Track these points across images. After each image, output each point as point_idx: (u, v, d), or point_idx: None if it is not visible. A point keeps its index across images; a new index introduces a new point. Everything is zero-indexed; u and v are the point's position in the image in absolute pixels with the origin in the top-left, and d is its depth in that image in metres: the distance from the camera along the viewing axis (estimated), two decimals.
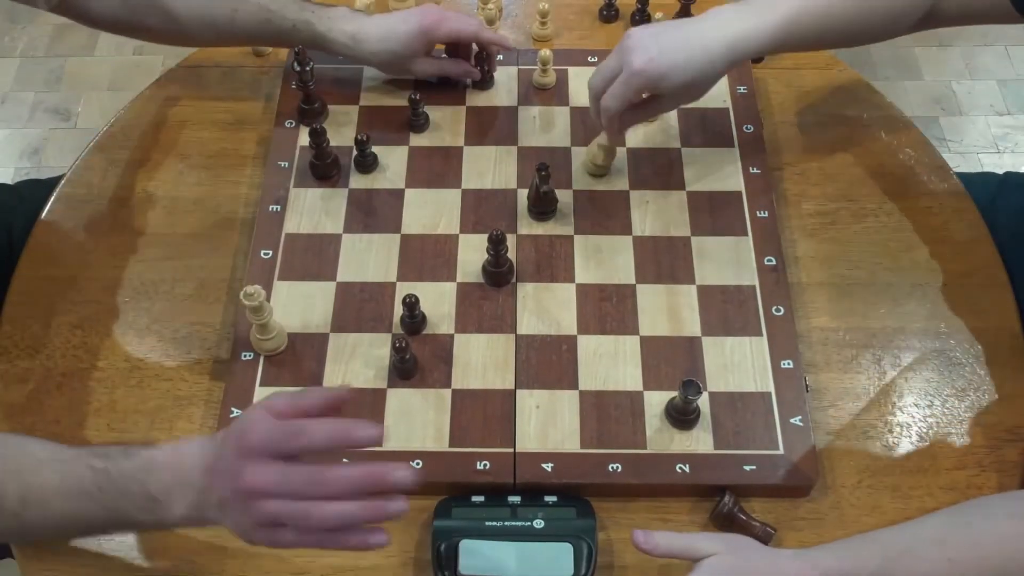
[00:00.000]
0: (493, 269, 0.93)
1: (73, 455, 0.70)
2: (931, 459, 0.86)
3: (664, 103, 0.95)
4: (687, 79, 0.90)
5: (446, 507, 0.80)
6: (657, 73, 0.88)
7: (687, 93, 0.93)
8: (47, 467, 0.69)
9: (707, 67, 0.90)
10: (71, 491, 0.68)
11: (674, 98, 0.94)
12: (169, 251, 0.99)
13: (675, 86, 0.90)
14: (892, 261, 0.98)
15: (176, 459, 0.68)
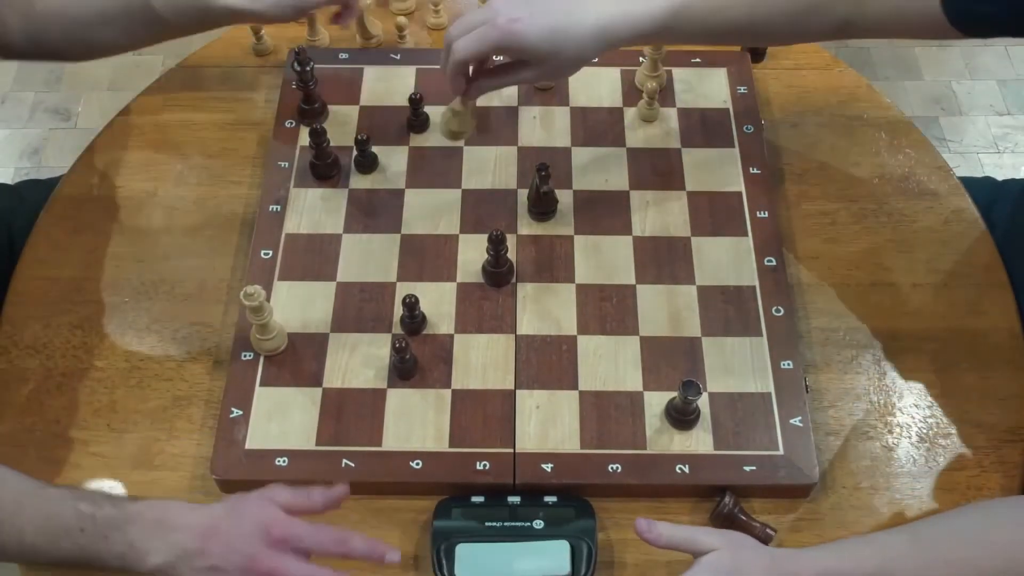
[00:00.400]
0: (493, 269, 0.93)
1: (58, 494, 0.72)
2: (931, 459, 0.86)
3: (524, 72, 0.88)
4: (548, 50, 0.84)
5: (446, 507, 0.80)
6: (518, 34, 0.82)
7: (549, 66, 0.87)
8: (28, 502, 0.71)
9: (573, 43, 0.85)
10: (51, 527, 0.70)
11: (536, 69, 0.87)
12: (169, 251, 0.99)
13: (535, 54, 0.84)
14: (892, 261, 0.98)
15: (162, 516, 0.72)
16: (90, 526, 0.70)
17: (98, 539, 0.70)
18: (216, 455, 0.83)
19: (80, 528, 0.70)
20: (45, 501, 0.71)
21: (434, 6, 1.17)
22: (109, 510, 0.71)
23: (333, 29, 1.17)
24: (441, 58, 0.87)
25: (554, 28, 0.83)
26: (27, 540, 0.70)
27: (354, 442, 0.84)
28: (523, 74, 0.88)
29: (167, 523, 0.71)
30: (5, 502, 0.70)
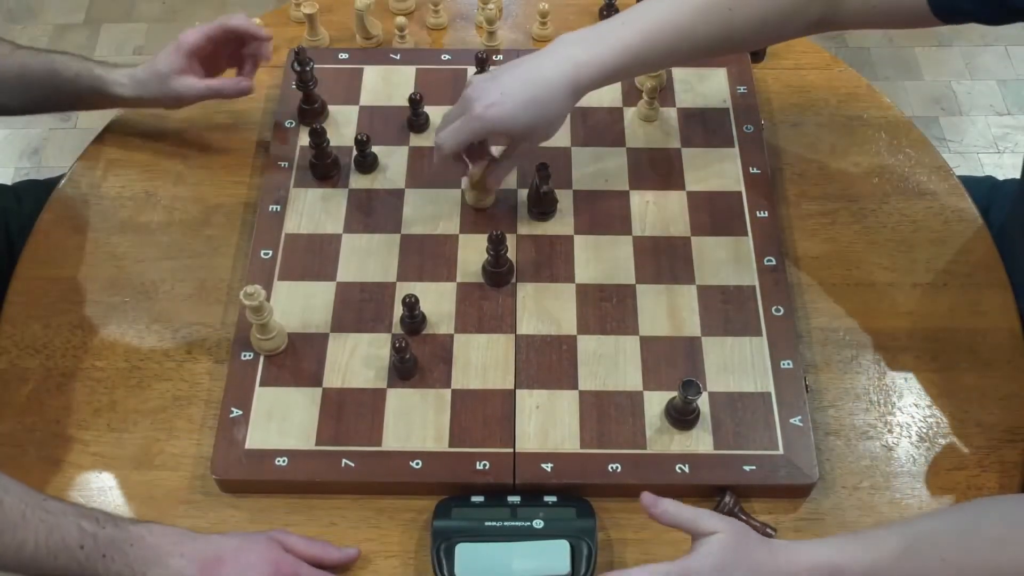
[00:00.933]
0: (493, 269, 0.93)
1: (61, 509, 0.73)
2: (931, 459, 0.86)
3: (520, 147, 0.93)
4: (529, 122, 0.88)
5: (446, 507, 0.80)
6: (497, 118, 0.86)
7: (537, 132, 0.90)
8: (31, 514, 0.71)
9: (551, 104, 0.87)
10: (52, 542, 0.70)
11: (527, 138, 0.91)
12: (169, 251, 0.99)
13: (521, 128, 0.88)
14: (892, 261, 0.98)
15: (163, 542, 0.72)
16: (90, 544, 0.70)
17: (97, 558, 0.70)
18: (216, 455, 0.83)
19: (80, 545, 0.70)
20: (47, 514, 0.71)
21: (434, 6, 1.17)
22: (111, 530, 0.71)
23: (333, 29, 1.17)
24: (435, 156, 0.93)
25: (528, 101, 0.87)
26: (27, 553, 0.70)
27: (354, 442, 0.84)
28: (522, 149, 0.93)
29: (168, 549, 0.72)
30: (9, 513, 0.70)
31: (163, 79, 0.98)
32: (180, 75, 0.99)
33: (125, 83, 1.00)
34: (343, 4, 1.19)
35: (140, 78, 0.99)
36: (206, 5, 2.37)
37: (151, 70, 0.99)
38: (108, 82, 1.00)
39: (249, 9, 1.84)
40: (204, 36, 0.99)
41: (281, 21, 1.19)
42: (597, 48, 0.87)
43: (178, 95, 1.00)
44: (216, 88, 1.01)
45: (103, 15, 2.31)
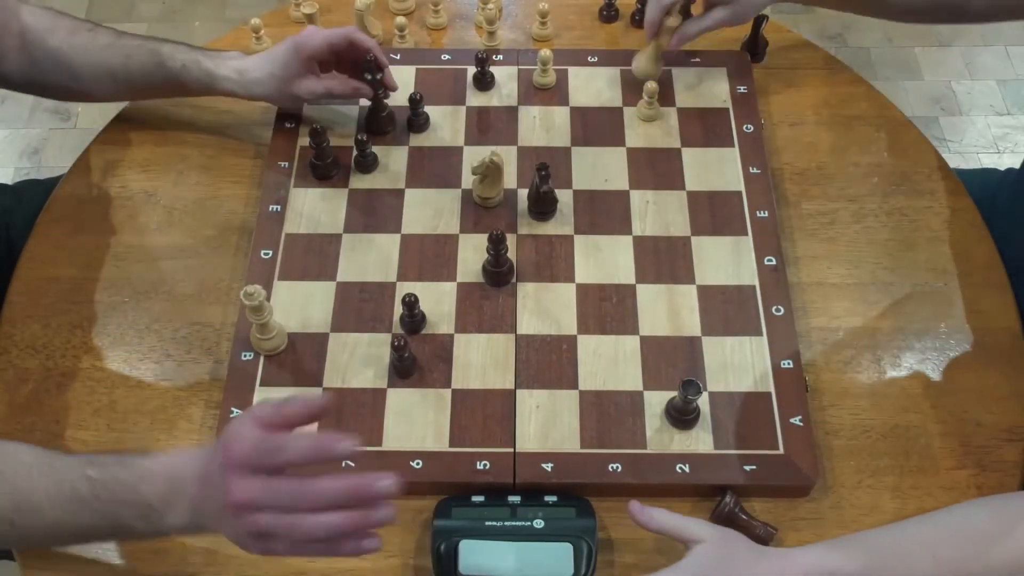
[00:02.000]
0: (493, 269, 0.93)
1: (67, 463, 0.70)
2: (931, 459, 0.86)
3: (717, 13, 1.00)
4: None
5: (446, 507, 0.80)
6: None
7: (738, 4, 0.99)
8: (40, 474, 0.69)
9: None
10: (66, 499, 0.68)
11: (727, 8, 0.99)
12: (169, 251, 0.99)
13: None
14: (892, 261, 0.98)
15: (170, 469, 0.69)
16: (103, 492, 0.68)
17: (114, 504, 0.68)
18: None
19: (95, 495, 0.68)
20: (55, 472, 0.69)
21: (434, 6, 1.17)
22: (118, 472, 0.69)
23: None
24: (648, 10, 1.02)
25: None
26: (48, 519, 0.68)
27: None
28: (716, 15, 1.01)
29: (175, 477, 0.68)
30: (21, 482, 0.68)
31: (281, 81, 0.99)
32: (300, 79, 0.99)
33: (234, 79, 0.99)
34: (343, 4, 1.19)
35: (254, 77, 0.99)
36: (206, 5, 2.37)
37: (267, 71, 0.99)
38: (217, 77, 0.99)
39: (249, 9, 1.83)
40: (326, 43, 0.98)
41: (281, 21, 1.19)
42: None
43: (296, 97, 1.00)
44: (333, 91, 1.01)
45: (103, 15, 2.31)
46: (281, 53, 0.98)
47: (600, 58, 1.13)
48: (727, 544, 0.73)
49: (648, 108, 1.06)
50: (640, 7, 1.17)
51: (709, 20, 1.02)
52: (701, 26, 1.02)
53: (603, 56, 1.13)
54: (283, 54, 0.98)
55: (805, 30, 2.28)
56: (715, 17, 1.01)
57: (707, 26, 1.02)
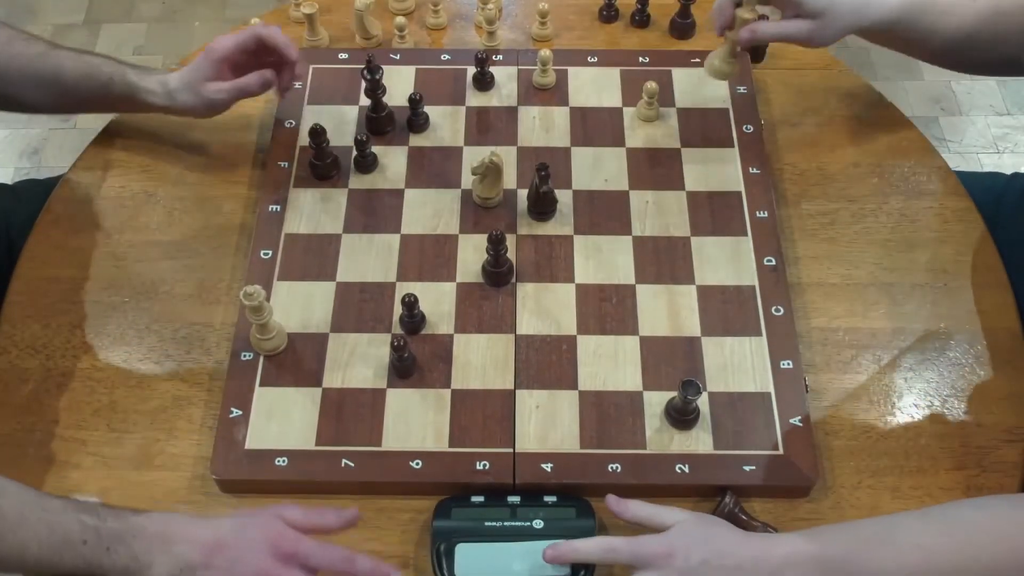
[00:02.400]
0: (493, 269, 0.93)
1: (61, 506, 0.72)
2: (931, 459, 0.86)
3: (797, 24, 0.95)
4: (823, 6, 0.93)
5: (446, 507, 0.80)
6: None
7: (819, 24, 0.93)
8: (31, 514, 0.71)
9: (841, 6, 0.93)
10: (55, 540, 0.70)
11: (808, 23, 0.94)
12: (169, 251, 0.99)
13: (812, 6, 0.92)
14: (892, 261, 0.98)
15: (165, 529, 0.72)
16: (93, 538, 0.70)
17: (101, 552, 0.70)
18: (216, 455, 0.83)
19: (83, 540, 0.70)
20: (47, 513, 0.71)
21: (433, 6, 1.17)
22: (112, 522, 0.71)
23: (333, 29, 1.17)
24: None
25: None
26: (31, 553, 0.69)
27: (354, 442, 0.84)
28: (798, 25, 0.95)
29: (171, 536, 0.71)
30: (8, 515, 0.70)
31: (193, 87, 0.99)
32: (210, 82, 0.98)
33: (157, 91, 1.00)
34: (343, 4, 1.19)
35: (172, 87, 0.99)
36: (206, 5, 2.37)
37: (182, 79, 0.99)
38: (140, 89, 1.00)
39: (249, 9, 1.84)
40: (235, 45, 0.98)
41: (281, 21, 1.19)
42: None
43: (210, 101, 1.00)
44: (243, 87, 1.00)
45: (103, 15, 2.31)
46: (196, 61, 0.99)
47: (600, 58, 1.13)
48: (708, 523, 0.74)
49: (648, 108, 1.06)
50: (640, 7, 1.17)
51: (790, 28, 0.96)
52: (778, 31, 0.96)
53: (603, 56, 1.13)
54: (197, 61, 0.99)
55: None
56: (796, 27, 0.95)
57: (785, 33, 0.96)
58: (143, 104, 1.01)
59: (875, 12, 0.95)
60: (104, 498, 0.83)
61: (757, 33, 0.95)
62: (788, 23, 0.96)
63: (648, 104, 1.05)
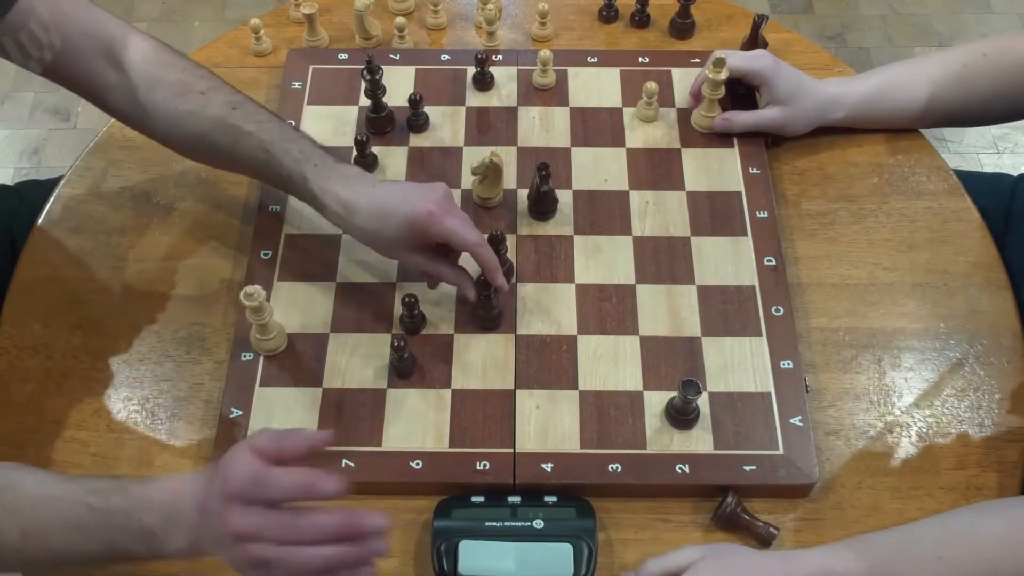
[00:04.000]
0: None
1: (70, 491, 0.71)
2: (931, 459, 0.86)
3: (771, 112, 1.01)
4: (795, 90, 1.01)
5: (446, 507, 0.80)
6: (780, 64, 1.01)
7: (791, 110, 1.01)
8: (45, 505, 0.70)
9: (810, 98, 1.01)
10: (70, 527, 0.69)
11: (782, 109, 1.01)
12: (169, 251, 0.99)
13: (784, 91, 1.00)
14: (892, 261, 0.98)
15: (170, 496, 0.70)
16: (103, 520, 0.69)
17: (114, 532, 0.69)
18: (216, 455, 0.83)
19: (97, 523, 0.69)
20: (59, 503, 0.70)
21: (433, 6, 1.17)
22: (118, 500, 0.69)
23: (332, 29, 1.17)
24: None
25: (800, 78, 1.02)
26: (56, 549, 0.69)
27: (354, 442, 0.84)
28: (771, 113, 1.02)
29: (175, 503, 0.69)
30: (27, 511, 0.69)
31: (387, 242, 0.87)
32: (406, 249, 0.87)
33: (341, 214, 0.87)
34: (343, 4, 1.19)
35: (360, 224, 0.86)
36: (206, 5, 2.37)
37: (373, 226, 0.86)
38: (322, 205, 0.88)
39: (249, 9, 1.83)
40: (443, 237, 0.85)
41: (281, 21, 1.19)
42: (848, 88, 1.03)
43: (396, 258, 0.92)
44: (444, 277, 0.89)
45: None
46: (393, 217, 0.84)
47: (600, 58, 1.13)
48: (724, 555, 0.74)
49: (648, 108, 1.06)
50: (640, 7, 1.17)
51: (757, 117, 1.02)
52: (750, 120, 1.02)
53: (603, 56, 1.13)
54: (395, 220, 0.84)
55: (805, 30, 2.28)
56: (769, 116, 1.02)
57: (754, 123, 1.02)
58: (322, 213, 0.89)
59: (838, 112, 1.03)
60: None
61: (731, 123, 1.03)
62: (761, 112, 1.02)
63: (648, 104, 1.05)
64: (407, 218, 0.84)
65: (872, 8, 2.36)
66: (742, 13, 1.20)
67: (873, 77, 1.04)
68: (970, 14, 2.36)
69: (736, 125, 1.03)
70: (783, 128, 1.03)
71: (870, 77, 1.04)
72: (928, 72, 1.01)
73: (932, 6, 2.37)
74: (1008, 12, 2.36)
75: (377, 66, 1.01)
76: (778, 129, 1.03)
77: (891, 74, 1.03)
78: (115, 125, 1.09)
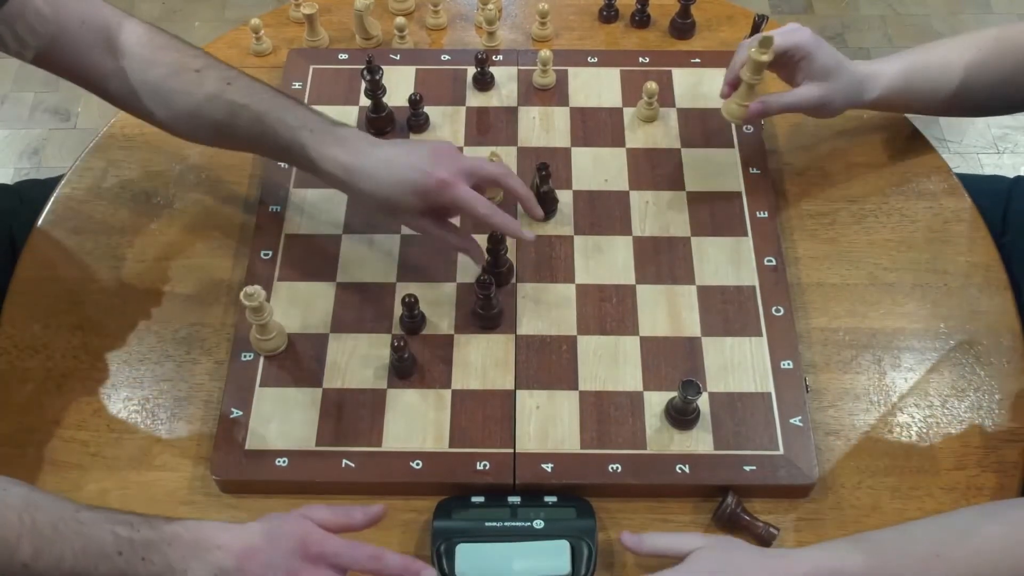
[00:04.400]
0: (493, 269, 0.93)
1: (90, 518, 0.71)
2: (931, 459, 0.86)
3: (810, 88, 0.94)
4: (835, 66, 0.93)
5: (446, 508, 0.80)
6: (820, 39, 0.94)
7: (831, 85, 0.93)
8: (66, 527, 0.70)
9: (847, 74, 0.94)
10: (89, 552, 0.70)
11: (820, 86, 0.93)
12: (169, 251, 0.99)
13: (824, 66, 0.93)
14: (892, 261, 0.98)
15: (199, 537, 0.71)
16: (127, 549, 0.69)
17: (136, 562, 0.69)
18: (216, 455, 0.83)
19: (118, 551, 0.69)
20: (82, 526, 0.70)
21: (433, 6, 1.17)
22: (146, 532, 0.71)
23: (333, 29, 1.17)
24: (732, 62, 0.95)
25: (837, 53, 0.94)
26: (66, 566, 0.69)
27: (354, 442, 0.84)
28: (806, 91, 0.94)
29: (205, 543, 0.71)
30: (43, 529, 0.69)
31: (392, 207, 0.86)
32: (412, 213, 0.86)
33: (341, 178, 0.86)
34: (343, 4, 1.19)
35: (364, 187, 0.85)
36: (206, 5, 2.37)
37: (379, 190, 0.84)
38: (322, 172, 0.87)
39: (249, 9, 1.83)
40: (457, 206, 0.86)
41: (281, 21, 1.19)
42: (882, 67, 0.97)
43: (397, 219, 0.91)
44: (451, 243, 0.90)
45: None
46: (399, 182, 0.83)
47: (600, 58, 1.13)
48: (726, 548, 0.74)
49: (648, 108, 1.06)
50: (640, 7, 1.17)
51: (796, 97, 0.94)
52: (786, 101, 0.94)
53: (603, 56, 1.13)
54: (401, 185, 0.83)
55: None
56: (807, 93, 0.93)
57: (797, 102, 0.94)
58: (322, 180, 0.88)
59: (872, 91, 0.96)
60: (104, 498, 0.83)
61: (768, 105, 0.94)
62: (799, 91, 0.94)
63: (648, 104, 1.05)
64: (416, 185, 0.83)
65: (872, 8, 2.37)
66: (742, 13, 1.20)
67: (906, 57, 0.97)
68: (970, 14, 2.36)
69: (774, 107, 0.94)
70: (822, 108, 0.95)
71: (903, 57, 0.98)
72: (960, 54, 0.96)
73: (932, 6, 2.37)
74: (1008, 12, 2.36)
75: (377, 66, 1.01)
76: (816, 109, 0.95)
77: (923, 55, 0.98)
78: (115, 125, 1.10)
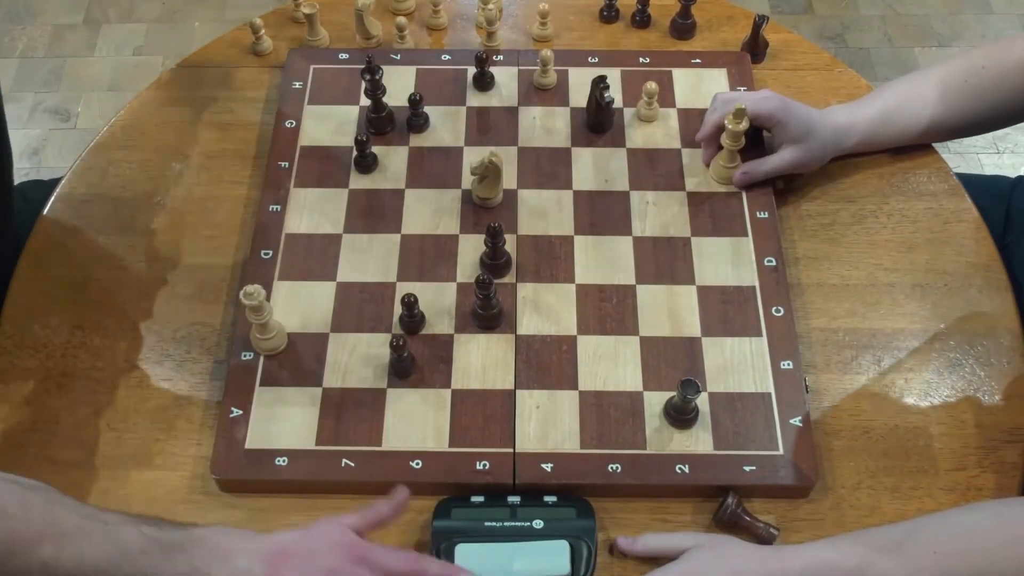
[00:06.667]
0: (491, 261, 0.93)
1: (119, 519, 0.71)
2: (931, 460, 0.86)
3: (786, 153, 0.98)
4: (805, 130, 0.97)
5: (445, 507, 0.80)
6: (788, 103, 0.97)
7: (806, 146, 0.97)
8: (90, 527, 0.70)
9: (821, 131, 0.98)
10: (113, 552, 0.69)
11: (796, 148, 0.98)
12: (169, 251, 0.99)
13: (795, 130, 0.96)
14: (892, 261, 0.98)
15: (225, 540, 0.71)
16: (153, 548, 0.69)
17: (160, 561, 0.69)
18: (216, 455, 0.83)
19: (142, 551, 0.69)
20: (105, 526, 0.70)
21: (434, 6, 1.17)
22: (174, 533, 0.71)
23: (333, 29, 1.17)
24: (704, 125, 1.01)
25: (809, 113, 0.98)
26: (87, 565, 0.69)
27: (354, 442, 0.84)
28: (788, 154, 0.98)
29: (231, 547, 0.70)
30: (68, 527, 0.69)
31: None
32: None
33: None
34: (343, 4, 1.19)
35: None
36: (206, 5, 2.37)
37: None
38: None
39: (249, 9, 1.84)
40: None
41: (281, 21, 1.19)
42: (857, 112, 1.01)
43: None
44: None
45: (103, 15, 2.31)
46: None
47: (600, 58, 1.13)
48: (721, 544, 0.75)
49: (648, 108, 1.06)
50: (640, 7, 1.17)
51: (775, 163, 0.98)
52: (765, 169, 0.98)
53: (603, 56, 1.13)
54: None
55: (805, 31, 2.28)
56: (782, 160, 0.98)
57: (773, 169, 0.98)
58: None
59: (850, 139, 1.00)
60: (104, 498, 0.83)
61: (751, 175, 0.99)
62: (777, 156, 0.98)
63: (648, 104, 1.05)
64: None
65: (872, 8, 2.37)
66: (742, 13, 1.20)
67: (877, 101, 1.01)
68: (970, 14, 2.36)
69: (757, 175, 0.99)
70: (803, 166, 0.99)
71: (873, 101, 1.01)
72: (930, 91, 1.00)
73: (932, 6, 2.37)
74: (1008, 12, 2.36)
75: (377, 66, 1.01)
76: (798, 168, 0.99)
77: (894, 95, 1.01)
78: (115, 125, 1.10)
